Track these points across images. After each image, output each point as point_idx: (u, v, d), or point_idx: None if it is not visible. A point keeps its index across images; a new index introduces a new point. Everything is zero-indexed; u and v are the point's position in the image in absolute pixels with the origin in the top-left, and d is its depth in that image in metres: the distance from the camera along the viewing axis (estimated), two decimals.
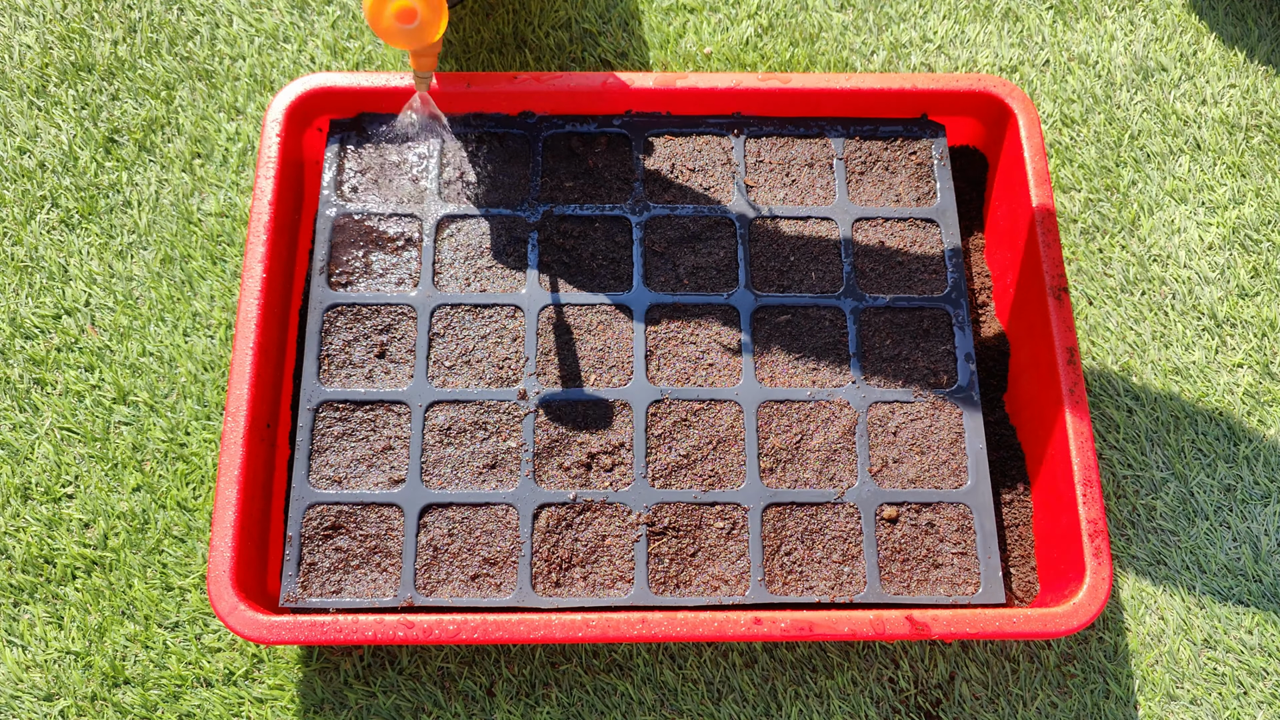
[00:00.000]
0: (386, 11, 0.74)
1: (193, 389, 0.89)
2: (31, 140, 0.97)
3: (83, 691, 0.80)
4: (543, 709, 0.80)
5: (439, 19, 0.75)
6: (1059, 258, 0.83)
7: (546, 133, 0.90)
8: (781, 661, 0.82)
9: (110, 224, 0.94)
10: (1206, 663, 0.83)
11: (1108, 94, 1.01)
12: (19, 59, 1.00)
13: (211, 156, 0.97)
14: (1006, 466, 0.85)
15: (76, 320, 0.91)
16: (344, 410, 0.82)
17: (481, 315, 0.85)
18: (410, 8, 0.74)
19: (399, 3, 0.74)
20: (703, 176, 0.90)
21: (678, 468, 0.81)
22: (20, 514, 0.85)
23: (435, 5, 0.74)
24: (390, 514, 0.79)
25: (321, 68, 1.00)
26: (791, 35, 1.03)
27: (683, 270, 0.87)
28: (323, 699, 0.80)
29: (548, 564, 0.78)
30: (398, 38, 0.76)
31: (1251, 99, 1.01)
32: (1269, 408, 0.90)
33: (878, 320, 0.86)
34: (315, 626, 0.72)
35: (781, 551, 0.79)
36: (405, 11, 0.74)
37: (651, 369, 0.83)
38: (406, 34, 0.75)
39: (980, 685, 0.82)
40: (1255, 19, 1.04)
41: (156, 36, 1.01)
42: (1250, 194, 0.97)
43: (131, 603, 0.83)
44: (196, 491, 0.86)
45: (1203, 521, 0.86)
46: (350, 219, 0.87)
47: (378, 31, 0.75)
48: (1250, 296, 0.94)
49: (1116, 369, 0.91)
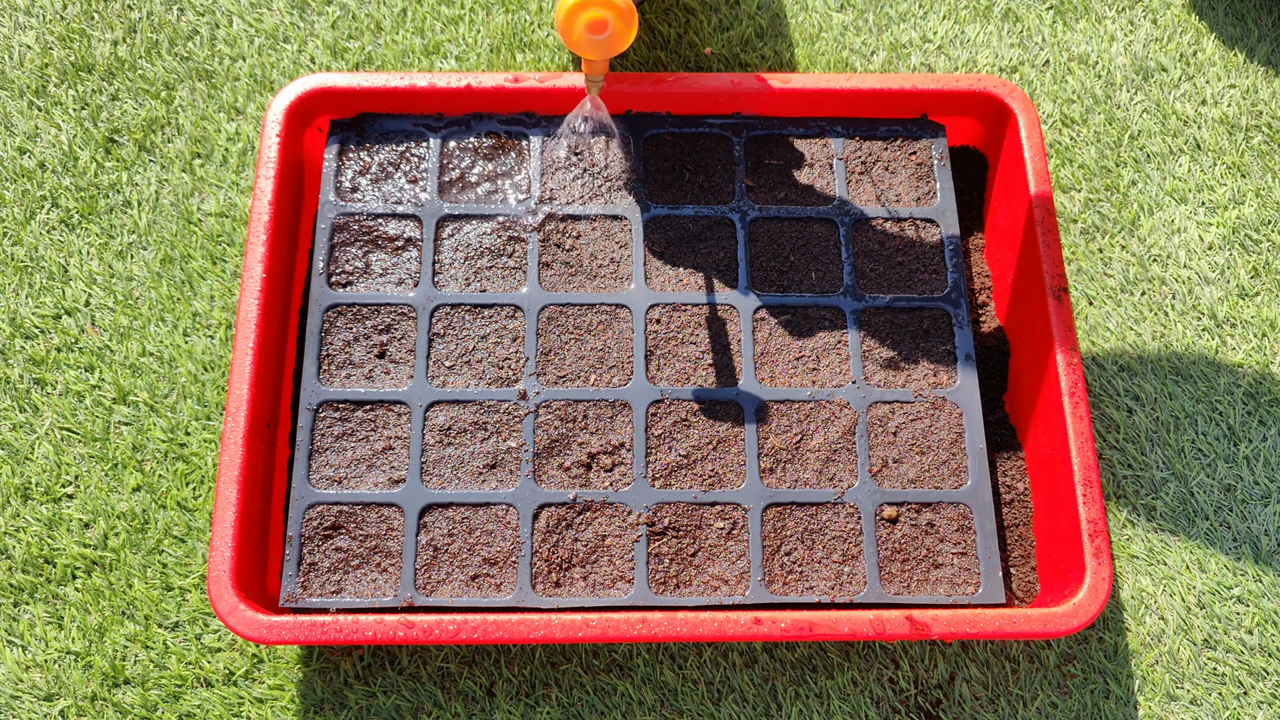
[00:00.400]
0: (578, 22, 0.74)
1: (193, 389, 0.89)
2: (31, 140, 0.97)
3: (83, 691, 0.80)
4: (543, 709, 0.80)
5: (630, 30, 0.74)
6: (1059, 258, 0.83)
7: (547, 132, 0.90)
8: (781, 661, 0.82)
9: (110, 224, 0.94)
10: (1206, 663, 0.83)
11: (1108, 94, 1.01)
12: (19, 59, 1.00)
13: (211, 156, 0.97)
14: (1006, 466, 0.85)
15: (76, 320, 0.91)
16: (344, 410, 0.82)
17: (481, 315, 0.85)
18: (602, 19, 0.74)
19: (591, 13, 0.73)
20: (703, 176, 0.90)
21: (678, 468, 0.81)
22: (20, 514, 0.85)
23: (627, 16, 0.74)
24: (390, 514, 0.79)
25: (321, 68, 1.00)
26: (791, 35, 1.03)
27: (683, 270, 0.87)
28: (323, 699, 0.80)
29: (548, 564, 0.78)
30: (588, 48, 0.75)
31: (1251, 99, 1.01)
32: (1269, 408, 0.90)
33: (878, 320, 0.86)
34: (315, 626, 0.72)
35: (781, 551, 0.79)
36: (597, 23, 0.74)
37: (651, 369, 0.83)
38: (597, 45, 0.75)
39: (980, 685, 0.82)
40: (1255, 19, 1.04)
41: (156, 36, 1.01)
42: (1250, 194, 0.97)
43: (131, 603, 0.83)
44: (196, 491, 0.86)
45: (1203, 521, 0.86)
46: (350, 219, 0.87)
47: (568, 42, 0.75)
48: (1250, 296, 0.94)
49: (1116, 369, 0.91)
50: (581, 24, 0.74)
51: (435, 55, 1.01)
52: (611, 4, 0.73)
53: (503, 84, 0.88)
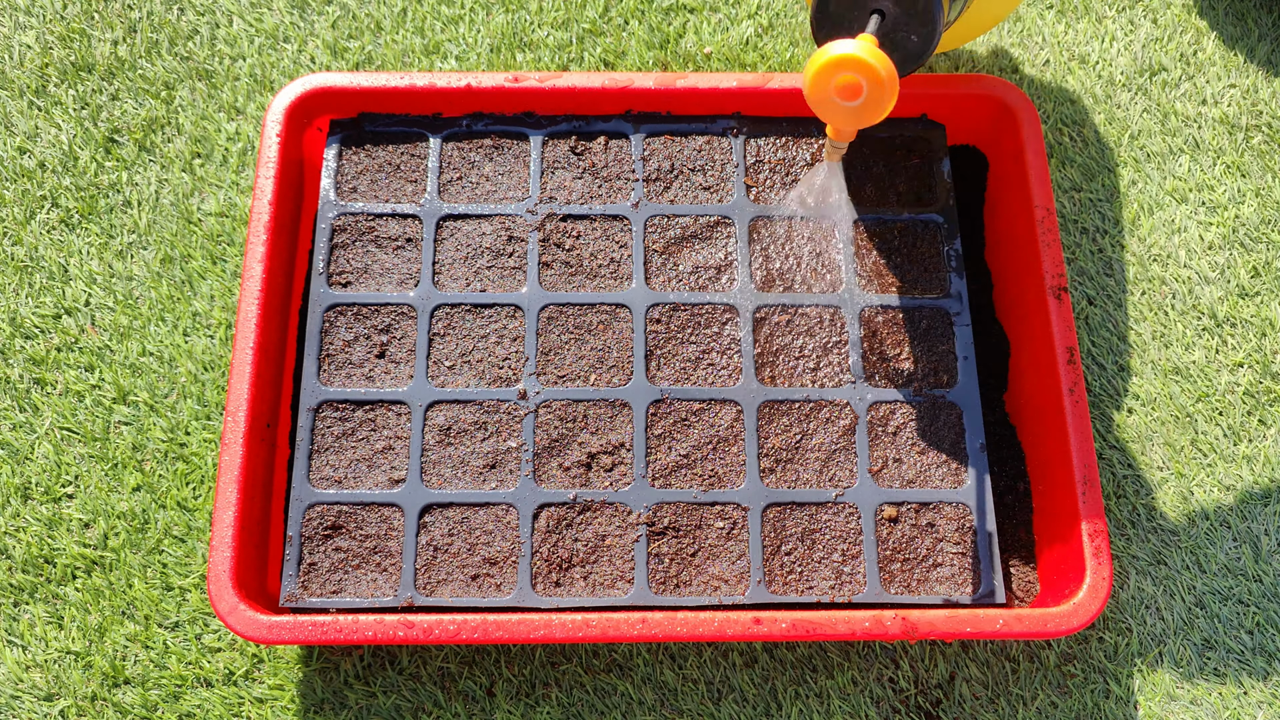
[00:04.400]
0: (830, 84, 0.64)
1: (193, 389, 0.89)
2: (31, 140, 0.97)
3: (83, 691, 0.80)
4: (543, 709, 0.80)
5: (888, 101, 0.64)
6: (1059, 258, 0.83)
7: (546, 132, 0.90)
8: (781, 661, 0.82)
9: (110, 224, 0.94)
10: (1206, 663, 0.83)
11: (1108, 94, 1.01)
12: (19, 59, 1.00)
13: (211, 156, 0.97)
14: (1006, 466, 0.85)
15: (76, 320, 0.91)
16: (344, 410, 0.82)
17: (481, 315, 0.85)
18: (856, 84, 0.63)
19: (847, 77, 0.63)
20: (703, 176, 0.90)
21: (678, 467, 0.81)
22: (20, 514, 0.85)
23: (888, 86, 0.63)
24: (390, 514, 0.79)
25: (321, 68, 1.00)
26: (791, 35, 1.03)
27: (683, 270, 0.87)
28: (323, 699, 0.80)
29: (548, 564, 0.78)
30: (835, 114, 0.66)
31: (1251, 99, 1.01)
32: (1269, 408, 0.90)
33: (878, 320, 0.86)
34: (315, 626, 0.72)
35: (781, 551, 0.79)
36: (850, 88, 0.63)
37: (651, 369, 0.83)
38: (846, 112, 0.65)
39: (980, 685, 0.82)
40: (1255, 19, 1.04)
41: (156, 36, 1.01)
42: (1250, 194, 0.97)
43: (131, 603, 0.83)
44: (196, 491, 0.86)
45: (1203, 521, 0.86)
46: (350, 219, 0.87)
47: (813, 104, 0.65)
48: (1250, 296, 0.94)
49: (1116, 369, 0.91)
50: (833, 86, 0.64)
51: (435, 55, 1.01)
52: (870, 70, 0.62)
53: (503, 84, 0.88)
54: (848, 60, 0.62)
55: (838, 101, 0.65)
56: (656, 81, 0.89)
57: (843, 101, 0.64)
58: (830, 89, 0.64)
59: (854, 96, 0.64)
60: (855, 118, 0.66)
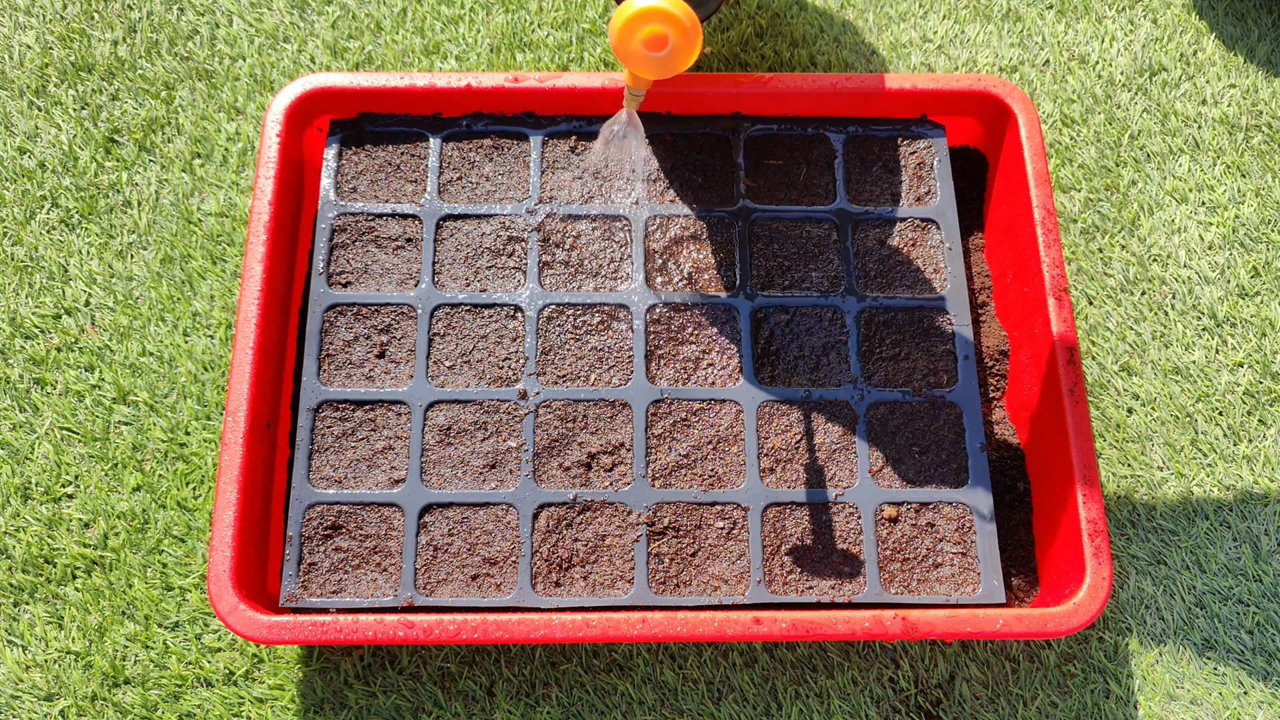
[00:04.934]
0: (636, 37, 0.67)
1: (193, 389, 0.89)
2: (31, 140, 0.97)
3: (83, 691, 0.80)
4: (543, 709, 0.80)
5: (692, 50, 0.67)
6: (1059, 258, 0.83)
7: (547, 132, 0.90)
8: (782, 661, 0.82)
9: (110, 224, 0.94)
10: (1207, 663, 0.83)
11: (1108, 94, 1.01)
12: (19, 59, 1.00)
13: (211, 156, 0.97)
14: (1006, 466, 0.85)
15: (76, 320, 0.91)
16: (344, 410, 0.82)
17: (481, 315, 0.85)
18: (662, 34, 0.66)
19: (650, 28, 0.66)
20: (703, 176, 0.90)
21: (678, 467, 0.81)
22: (20, 514, 0.85)
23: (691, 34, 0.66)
24: (390, 514, 0.79)
25: (321, 68, 1.00)
26: (791, 35, 1.03)
27: (683, 270, 0.87)
28: (323, 699, 0.80)
29: (548, 564, 0.78)
30: (644, 65, 0.69)
31: (1251, 99, 1.01)
32: (1269, 408, 0.90)
33: (878, 320, 0.86)
34: (315, 626, 0.72)
35: (781, 551, 0.79)
36: (656, 39, 0.67)
37: (651, 369, 0.83)
38: (654, 62, 0.68)
39: (980, 685, 0.82)
40: (1255, 19, 1.04)
41: (156, 36, 1.01)
42: (1250, 194, 0.97)
43: (131, 603, 0.83)
44: (196, 491, 0.86)
45: (1203, 521, 0.86)
46: (350, 219, 0.87)
47: (622, 56, 0.68)
48: (1250, 296, 0.94)
49: (1116, 369, 0.91)
50: (640, 38, 0.67)
51: (435, 55, 1.01)
52: (674, 19, 0.66)
53: (503, 84, 0.88)
54: (653, 12, 0.66)
55: (644, 52, 0.68)
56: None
57: (649, 52, 0.68)
58: (637, 40, 0.67)
59: (660, 48, 0.67)
60: (662, 67, 0.69)
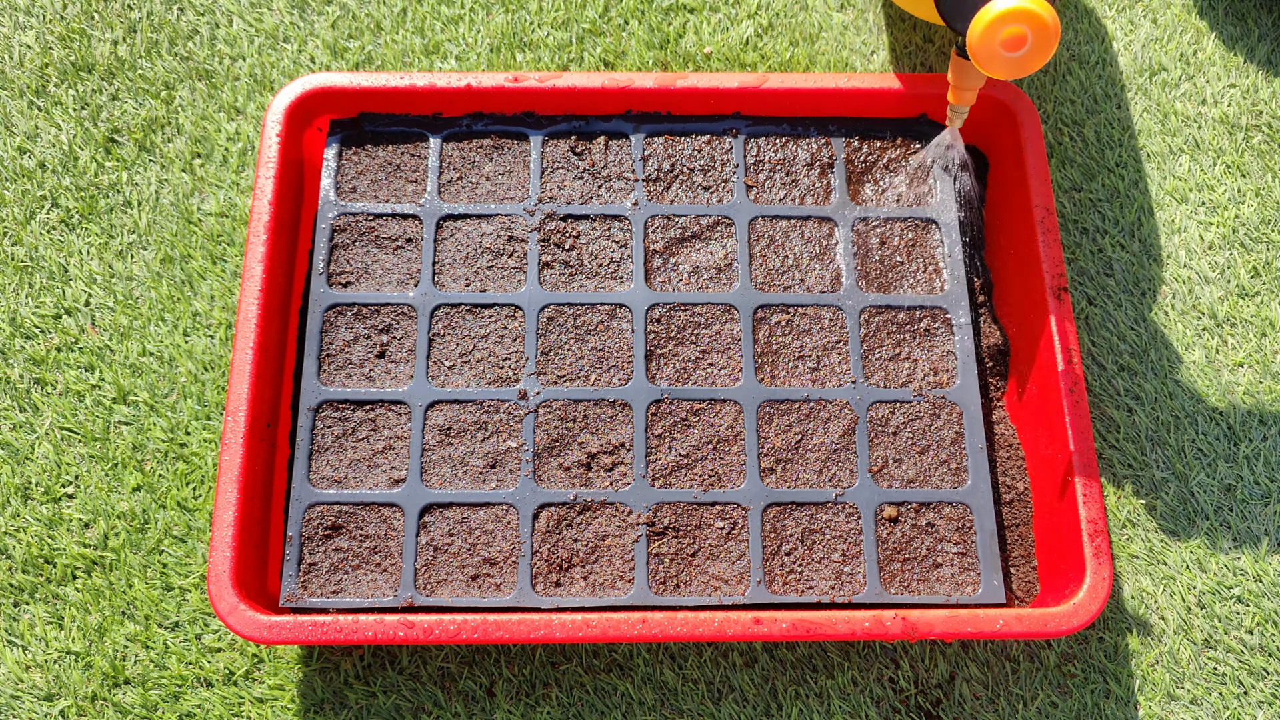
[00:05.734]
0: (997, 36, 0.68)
1: (193, 389, 0.89)
2: (31, 140, 0.97)
3: (83, 691, 0.80)
4: (543, 709, 0.80)
5: (1049, 50, 0.68)
6: (1059, 258, 0.83)
7: (546, 132, 0.90)
8: (781, 661, 0.82)
9: (110, 224, 0.94)
10: (1207, 663, 0.83)
11: (1108, 94, 1.01)
12: (19, 59, 1.00)
13: (211, 156, 0.97)
14: (1006, 466, 0.85)
15: (76, 320, 0.91)
16: (344, 410, 0.82)
17: (481, 315, 0.85)
18: (1021, 34, 0.67)
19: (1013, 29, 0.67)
20: (703, 176, 0.90)
21: (678, 468, 0.81)
22: (20, 514, 0.85)
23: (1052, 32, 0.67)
24: (390, 514, 0.79)
25: (321, 68, 1.00)
26: (791, 35, 1.03)
27: (683, 270, 0.87)
28: (323, 699, 0.80)
29: (548, 564, 0.78)
30: (1000, 66, 0.70)
31: (1251, 99, 1.01)
32: (1269, 408, 0.90)
33: (878, 320, 0.86)
34: (315, 626, 0.72)
35: (781, 551, 0.79)
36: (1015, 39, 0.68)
37: (651, 369, 0.83)
38: (1010, 62, 0.69)
39: (980, 685, 0.82)
40: (1255, 19, 1.04)
41: (156, 36, 1.01)
42: (1250, 194, 0.97)
43: (131, 603, 0.83)
44: (196, 491, 0.86)
45: (1203, 521, 0.86)
46: (350, 219, 0.87)
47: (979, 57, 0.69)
48: (1250, 296, 0.94)
49: (1116, 369, 0.91)
50: (999, 39, 0.68)
51: (435, 55, 1.01)
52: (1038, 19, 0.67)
53: (503, 84, 0.88)
54: (1016, 13, 0.67)
55: (1002, 53, 0.69)
56: (656, 81, 0.89)
57: (1007, 53, 0.69)
58: (996, 41, 0.68)
59: (1018, 48, 0.68)
60: (1017, 67, 0.70)
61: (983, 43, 0.69)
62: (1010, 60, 0.70)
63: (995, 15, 0.68)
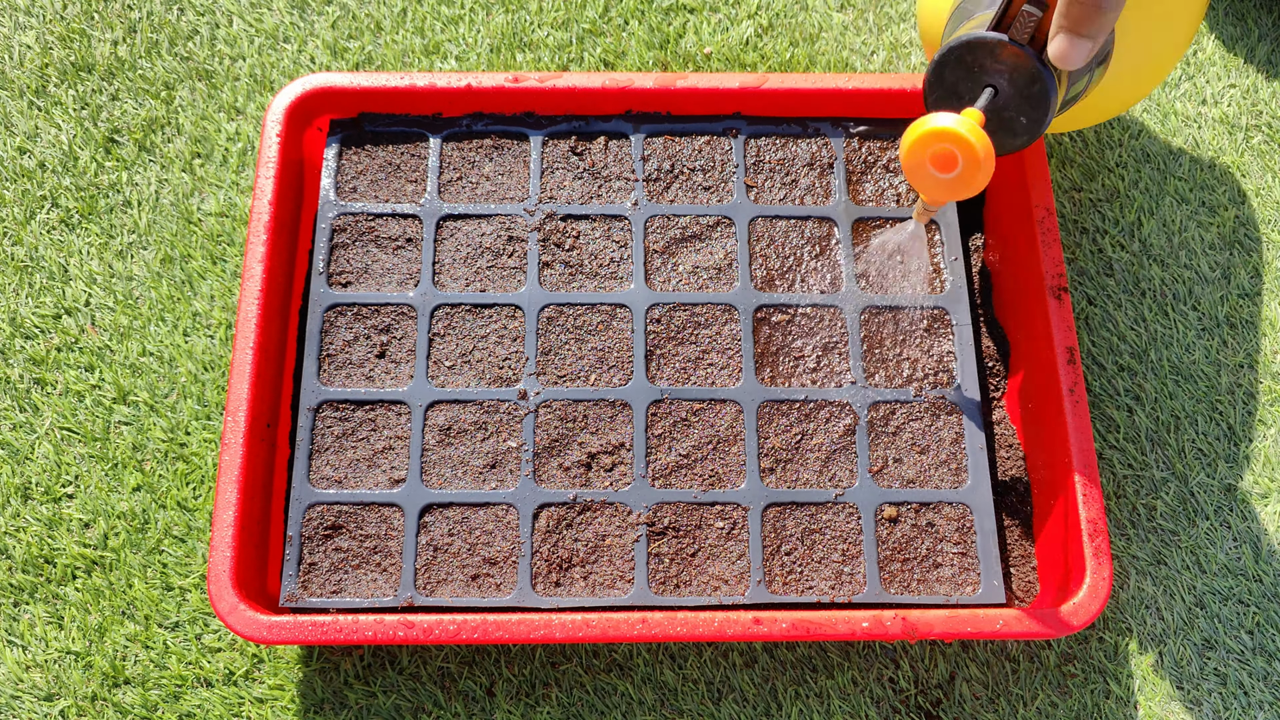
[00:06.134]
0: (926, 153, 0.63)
1: (193, 389, 0.89)
2: (31, 140, 0.97)
3: (83, 691, 0.80)
4: (543, 709, 0.80)
5: (980, 179, 0.63)
6: (1059, 258, 0.83)
7: (546, 132, 0.90)
8: (781, 661, 0.82)
9: (110, 224, 0.94)
10: (1207, 663, 0.83)
11: None
12: (19, 59, 1.00)
13: (211, 156, 0.97)
14: (1006, 466, 0.85)
15: (76, 320, 0.91)
16: (344, 410, 0.82)
17: (481, 315, 0.85)
18: (951, 155, 0.62)
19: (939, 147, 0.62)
20: (703, 176, 0.90)
21: (678, 468, 0.81)
22: (20, 514, 0.85)
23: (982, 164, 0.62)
24: (390, 514, 0.79)
25: (321, 68, 1.00)
26: (791, 35, 1.03)
27: (683, 270, 0.87)
28: (323, 699, 0.80)
29: (548, 564, 0.78)
30: (929, 183, 0.65)
31: (1251, 99, 1.01)
32: (1269, 408, 0.90)
33: (878, 320, 0.86)
34: (315, 626, 0.72)
35: (781, 551, 0.79)
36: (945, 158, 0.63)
37: (651, 369, 0.83)
38: (938, 182, 0.64)
39: (980, 685, 0.82)
40: (1255, 19, 1.04)
41: (156, 36, 1.01)
42: (1250, 194, 0.97)
43: (131, 603, 0.83)
44: (196, 491, 0.86)
45: (1203, 521, 0.86)
46: (350, 219, 0.87)
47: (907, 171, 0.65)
48: (1250, 296, 0.94)
49: (1116, 369, 0.91)
50: (929, 155, 0.63)
51: (435, 55, 1.01)
52: (968, 147, 0.62)
53: (503, 84, 0.88)
54: (946, 134, 0.62)
55: (931, 171, 0.65)
56: (656, 81, 0.89)
57: (936, 172, 0.64)
58: (925, 157, 0.64)
59: (949, 169, 0.63)
60: (947, 189, 0.65)
61: (911, 156, 0.64)
62: (939, 180, 0.65)
63: (924, 133, 0.63)
